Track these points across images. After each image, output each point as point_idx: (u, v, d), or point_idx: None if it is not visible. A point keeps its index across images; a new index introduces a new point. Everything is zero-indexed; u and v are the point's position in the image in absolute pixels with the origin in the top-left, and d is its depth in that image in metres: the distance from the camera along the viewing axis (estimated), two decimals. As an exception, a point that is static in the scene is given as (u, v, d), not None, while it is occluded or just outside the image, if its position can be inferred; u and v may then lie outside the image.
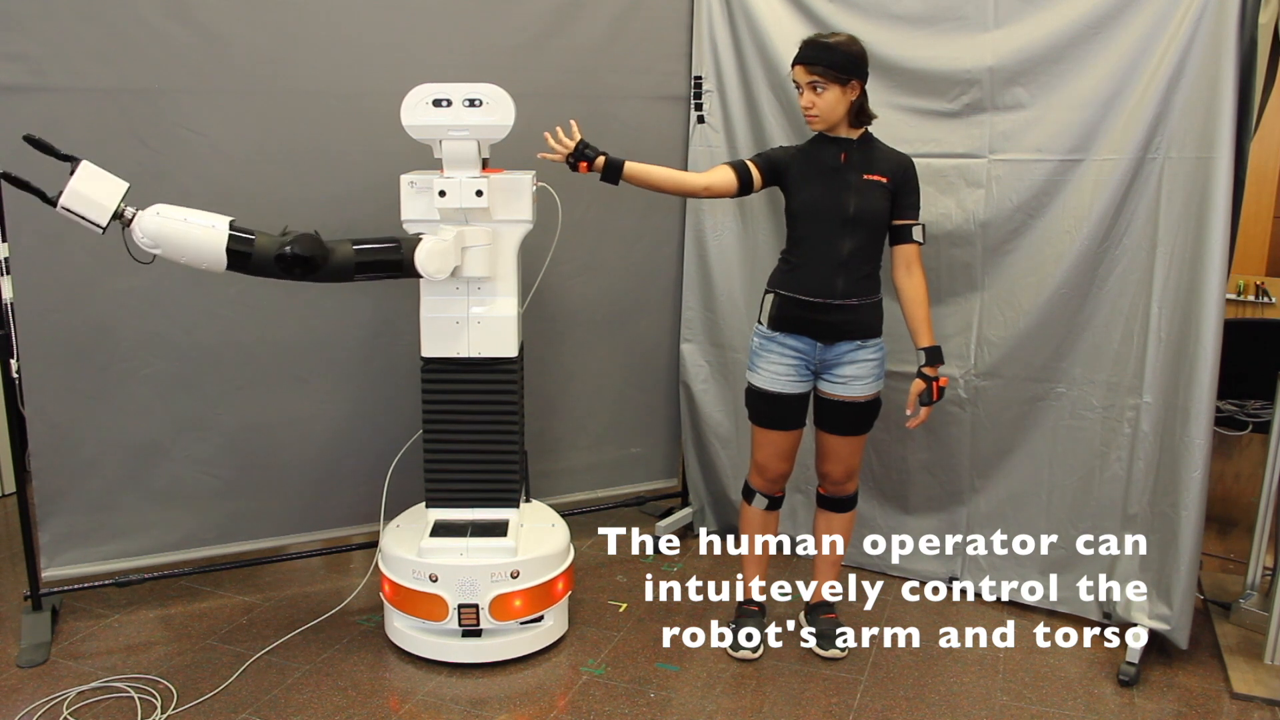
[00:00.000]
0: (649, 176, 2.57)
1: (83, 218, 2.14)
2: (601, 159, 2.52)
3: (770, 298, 2.58)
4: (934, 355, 2.55)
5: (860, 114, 2.50)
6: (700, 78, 3.22)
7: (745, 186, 2.56)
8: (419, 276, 2.45)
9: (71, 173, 2.14)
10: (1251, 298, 4.01)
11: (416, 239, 2.44)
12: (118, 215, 2.17)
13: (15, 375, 2.61)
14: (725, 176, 2.56)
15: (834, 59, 2.40)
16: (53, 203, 2.13)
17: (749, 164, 2.57)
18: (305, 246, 2.28)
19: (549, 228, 2.85)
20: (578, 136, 2.53)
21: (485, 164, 2.58)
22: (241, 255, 2.25)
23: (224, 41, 2.66)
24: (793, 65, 2.47)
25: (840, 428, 2.61)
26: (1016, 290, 2.79)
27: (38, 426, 2.67)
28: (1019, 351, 2.82)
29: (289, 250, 2.27)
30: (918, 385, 2.56)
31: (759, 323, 2.62)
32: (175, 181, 2.69)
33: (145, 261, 2.24)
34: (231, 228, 2.26)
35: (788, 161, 2.56)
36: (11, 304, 2.58)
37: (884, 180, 2.50)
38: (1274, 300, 3.98)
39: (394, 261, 2.42)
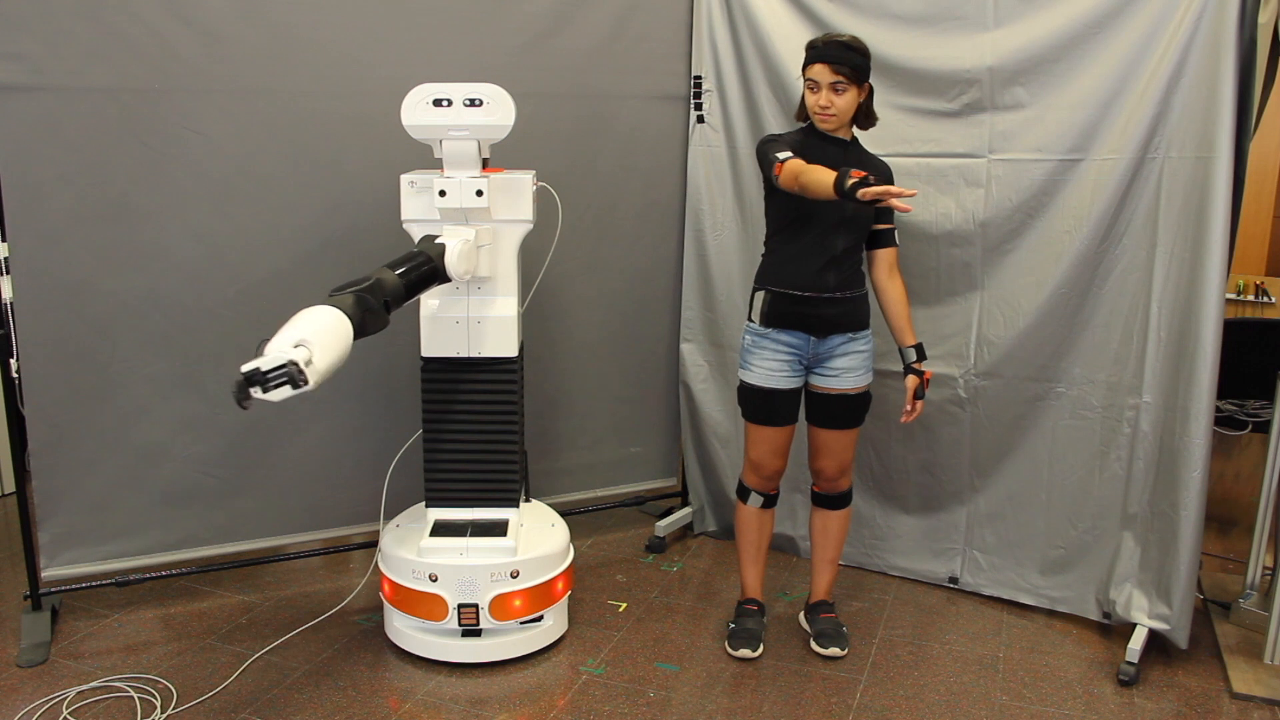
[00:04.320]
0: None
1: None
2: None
3: (761, 295, 2.58)
4: (921, 351, 2.62)
5: (867, 117, 2.52)
6: (700, 78, 3.22)
7: None
8: (448, 281, 2.42)
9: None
10: (1251, 298, 4.01)
11: (435, 244, 2.42)
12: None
13: (15, 375, 2.61)
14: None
15: (857, 60, 2.41)
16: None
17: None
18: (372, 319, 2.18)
19: (549, 228, 2.85)
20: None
21: (485, 164, 2.58)
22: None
23: (224, 41, 2.66)
24: (811, 63, 2.44)
25: (833, 421, 2.62)
26: (1016, 290, 2.79)
27: (38, 426, 2.67)
28: (1019, 351, 2.82)
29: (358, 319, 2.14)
30: (913, 381, 2.59)
31: (750, 320, 2.62)
32: (175, 181, 2.69)
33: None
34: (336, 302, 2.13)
35: (793, 153, 2.51)
36: (11, 304, 2.57)
37: None
38: (1274, 300, 3.98)
39: (432, 273, 2.35)
